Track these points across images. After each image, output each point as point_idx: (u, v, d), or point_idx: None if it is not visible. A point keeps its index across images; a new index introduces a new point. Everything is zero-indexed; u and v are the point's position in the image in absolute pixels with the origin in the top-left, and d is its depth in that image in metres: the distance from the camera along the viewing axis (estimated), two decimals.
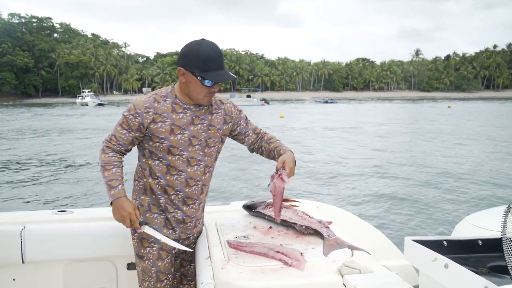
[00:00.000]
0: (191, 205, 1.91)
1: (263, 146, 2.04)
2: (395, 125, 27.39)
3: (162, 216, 1.89)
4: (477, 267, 1.29)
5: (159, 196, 1.87)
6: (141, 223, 1.79)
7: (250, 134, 2.05)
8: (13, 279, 2.22)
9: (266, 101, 70.16)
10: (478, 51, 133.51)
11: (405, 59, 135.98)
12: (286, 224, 1.96)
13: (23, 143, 19.10)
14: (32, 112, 47.98)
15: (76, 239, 2.21)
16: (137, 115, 1.77)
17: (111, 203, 1.80)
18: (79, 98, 76.55)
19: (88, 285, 2.30)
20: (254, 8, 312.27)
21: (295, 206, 2.15)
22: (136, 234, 1.91)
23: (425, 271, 1.32)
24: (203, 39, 1.77)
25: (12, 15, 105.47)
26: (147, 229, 1.81)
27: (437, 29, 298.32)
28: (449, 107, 54.16)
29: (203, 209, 2.03)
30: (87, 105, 71.14)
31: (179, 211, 1.89)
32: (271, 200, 2.15)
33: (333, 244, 1.74)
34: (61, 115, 42.05)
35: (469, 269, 1.14)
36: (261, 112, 43.20)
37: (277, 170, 1.83)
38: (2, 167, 12.86)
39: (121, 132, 1.81)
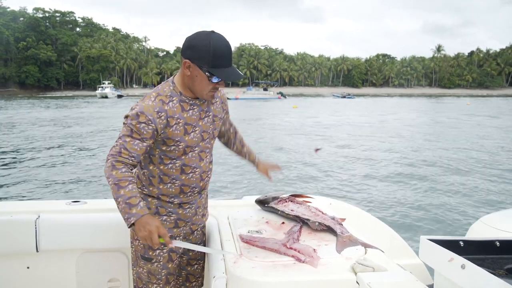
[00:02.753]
0: (202, 195, 1.93)
1: (235, 145, 2.12)
2: (406, 120, 26.98)
3: (172, 217, 1.83)
4: (494, 269, 1.26)
5: (173, 198, 1.80)
6: (164, 245, 1.67)
7: (227, 124, 2.08)
8: (28, 267, 2.26)
9: (282, 94, 69.77)
10: (503, 47, 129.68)
11: (428, 55, 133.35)
12: (299, 220, 1.96)
13: (38, 133, 19.58)
14: (51, 104, 49.09)
15: (89, 230, 2.23)
16: (150, 122, 1.62)
17: (133, 223, 1.60)
18: (99, 89, 77.89)
19: (100, 275, 2.32)
20: (278, 3, 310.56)
21: (308, 202, 2.14)
22: None
23: (440, 271, 1.30)
24: (213, 32, 1.64)
25: (36, 9, 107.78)
26: (177, 243, 1.69)
27: (464, 25, 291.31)
28: (467, 104, 53.02)
29: (206, 197, 2.04)
30: (106, 97, 72.33)
31: (193, 205, 1.87)
32: (284, 196, 2.16)
33: (346, 241, 1.74)
34: (80, 107, 42.88)
35: (486, 271, 1.12)
36: (277, 104, 43.11)
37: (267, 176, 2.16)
38: (18, 157, 13.20)
39: (133, 143, 1.63)
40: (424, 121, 27.64)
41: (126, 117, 1.67)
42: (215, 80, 1.65)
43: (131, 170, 1.68)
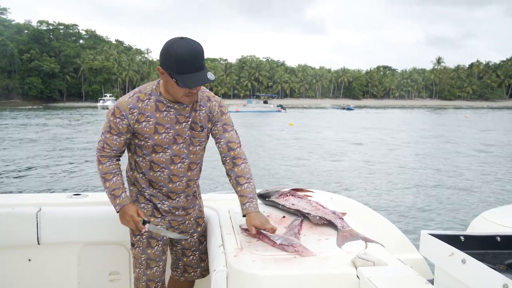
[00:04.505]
0: (176, 199, 1.93)
1: (231, 179, 1.89)
2: (407, 132, 27.02)
3: (150, 205, 1.92)
4: (495, 264, 1.25)
5: (145, 189, 1.90)
6: (144, 222, 1.82)
7: (222, 143, 1.89)
8: (29, 260, 2.27)
9: (282, 107, 69.83)
10: (505, 59, 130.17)
11: (430, 67, 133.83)
12: (299, 214, 1.96)
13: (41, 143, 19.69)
14: (54, 115, 49.28)
15: (90, 223, 2.24)
16: (123, 117, 1.75)
17: (118, 212, 1.85)
18: (101, 101, 78.43)
19: (101, 268, 2.33)
20: (281, 14, 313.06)
21: (309, 196, 2.15)
22: None
23: (441, 266, 1.30)
24: (182, 38, 1.65)
25: (41, 22, 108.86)
26: (150, 227, 1.86)
27: (466, 36, 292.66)
28: (465, 117, 52.98)
29: (196, 197, 2.03)
30: (108, 109, 72.79)
31: (165, 203, 1.92)
32: (285, 190, 2.16)
33: (347, 235, 1.74)
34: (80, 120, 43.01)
35: (487, 266, 1.12)
36: (275, 120, 42.91)
37: (250, 232, 1.73)
38: (20, 151, 13.18)
39: (111, 138, 1.79)
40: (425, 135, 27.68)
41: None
42: (182, 85, 1.66)
43: (116, 161, 1.88)
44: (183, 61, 1.62)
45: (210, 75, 1.67)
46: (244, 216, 1.80)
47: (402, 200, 7.86)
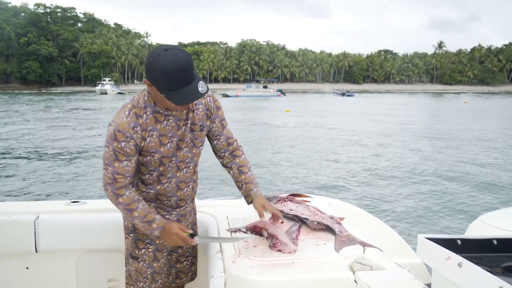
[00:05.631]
0: (184, 206, 1.91)
1: (232, 170, 1.92)
2: (401, 120, 26.91)
3: (152, 205, 1.85)
4: (491, 267, 1.26)
5: (150, 204, 1.83)
6: (192, 236, 1.73)
7: (222, 140, 1.90)
8: (27, 268, 2.26)
9: (282, 92, 69.82)
10: (507, 42, 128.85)
11: (431, 51, 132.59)
12: (298, 219, 1.97)
13: (38, 131, 19.61)
14: (49, 100, 48.99)
15: (89, 230, 2.23)
16: (128, 139, 1.62)
17: (158, 237, 1.73)
18: (99, 85, 77.88)
19: (100, 275, 2.32)
20: None
21: (307, 201, 2.15)
22: (131, 235, 1.88)
23: (438, 270, 1.31)
24: (166, 50, 1.52)
25: (37, 5, 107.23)
26: (199, 240, 1.76)
27: (470, 20, 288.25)
28: (465, 102, 52.64)
29: (195, 192, 1.99)
30: (106, 93, 72.48)
31: (173, 213, 1.88)
32: (284, 195, 2.17)
33: (344, 240, 1.75)
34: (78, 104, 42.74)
35: (483, 269, 1.12)
36: (276, 103, 42.62)
37: (260, 215, 1.84)
38: (16, 157, 13.20)
39: (121, 165, 1.64)
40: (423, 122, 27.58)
41: (110, 125, 1.66)
42: (173, 102, 1.58)
43: (133, 188, 1.74)
44: (170, 76, 1.51)
45: (202, 86, 1.56)
46: (250, 203, 1.89)
47: (401, 204, 7.88)
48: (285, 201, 2.12)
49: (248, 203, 1.91)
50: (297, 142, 16.66)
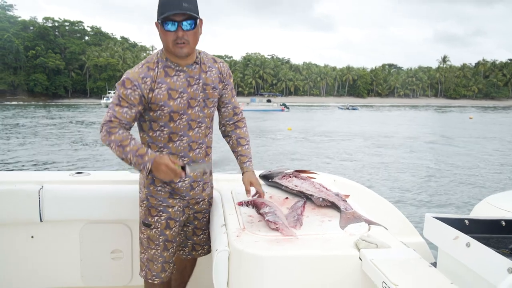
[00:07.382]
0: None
1: (231, 139, 2.00)
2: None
3: (167, 188, 1.86)
4: (499, 248, 1.26)
5: None
6: (183, 169, 1.72)
7: (229, 108, 1.98)
8: (32, 236, 2.29)
9: (285, 106, 70.01)
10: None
11: (435, 66, 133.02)
12: (302, 195, 1.96)
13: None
14: (55, 112, 49.34)
15: (93, 201, 2.24)
16: (135, 88, 1.70)
17: (150, 171, 1.69)
18: (104, 99, 78.58)
19: (103, 246, 2.34)
20: (289, 11, 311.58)
21: (312, 178, 2.14)
22: (144, 202, 1.89)
23: (445, 249, 1.30)
24: None
25: (46, 19, 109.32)
26: (190, 169, 1.76)
27: (475, 34, 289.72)
28: (470, 118, 52.20)
29: (210, 172, 2.01)
30: None
31: (186, 179, 1.87)
32: (289, 171, 2.16)
33: (350, 217, 1.73)
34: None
35: (492, 249, 1.11)
36: (278, 121, 41.79)
37: (247, 191, 1.90)
38: (23, 129, 13.15)
39: (121, 111, 1.70)
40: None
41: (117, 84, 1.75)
42: (166, 27, 1.67)
43: (128, 131, 1.76)
44: (165, 2, 1.64)
45: (187, 2, 1.64)
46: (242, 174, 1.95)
47: (406, 184, 7.82)
48: (290, 177, 2.10)
49: (243, 173, 1.98)
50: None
